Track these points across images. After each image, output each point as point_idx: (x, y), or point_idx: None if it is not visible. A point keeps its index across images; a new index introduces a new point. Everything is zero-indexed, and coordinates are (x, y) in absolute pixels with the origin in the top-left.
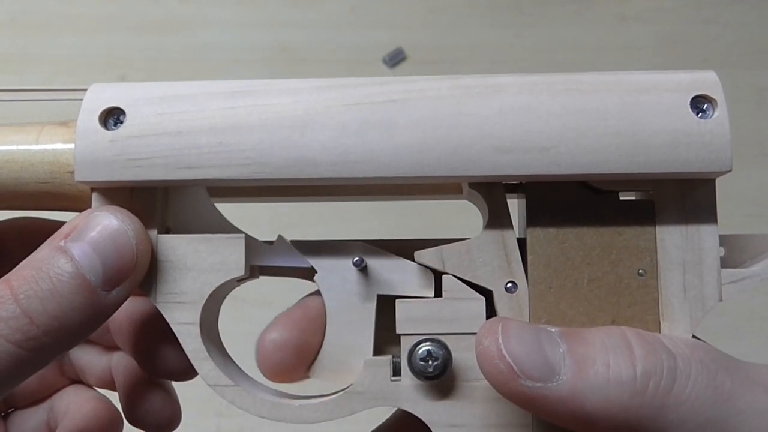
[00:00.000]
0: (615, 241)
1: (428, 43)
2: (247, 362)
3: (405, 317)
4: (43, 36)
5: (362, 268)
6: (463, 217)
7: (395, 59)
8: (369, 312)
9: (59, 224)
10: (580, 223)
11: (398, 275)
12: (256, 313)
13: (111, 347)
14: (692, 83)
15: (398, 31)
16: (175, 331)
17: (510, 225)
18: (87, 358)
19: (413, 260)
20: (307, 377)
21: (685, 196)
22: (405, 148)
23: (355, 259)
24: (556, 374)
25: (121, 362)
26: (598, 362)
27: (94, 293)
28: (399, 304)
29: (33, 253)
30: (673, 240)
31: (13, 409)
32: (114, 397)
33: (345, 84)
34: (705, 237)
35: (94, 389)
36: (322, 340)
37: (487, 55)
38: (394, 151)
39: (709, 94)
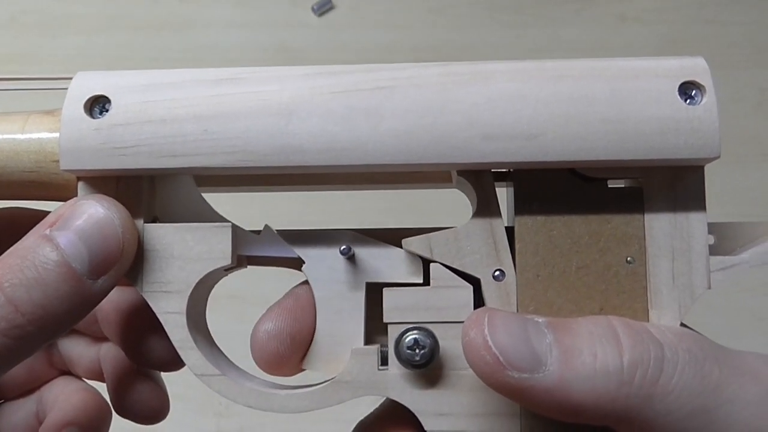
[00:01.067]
0: (603, 229)
1: (428, 43)
2: (247, 362)
3: (392, 306)
4: (43, 36)
5: (350, 257)
6: (450, 205)
7: (323, 8)
8: (358, 300)
9: (46, 214)
10: (569, 210)
11: (386, 262)
12: (256, 312)
13: (99, 338)
14: (681, 69)
15: (398, 31)
16: (161, 321)
17: (498, 213)
18: (76, 349)
19: (401, 248)
20: (302, 369)
21: (674, 184)
22: (391, 136)
23: (342, 247)
24: (542, 365)
25: (109, 353)
26: (584, 352)
27: (80, 282)
28: (386, 292)
29: (19, 242)
30: (661, 227)
31: (1, 400)
32: (103, 389)
33: (332, 71)
34: (694, 224)
35: (83, 380)
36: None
37: (487, 55)
38: (380, 138)
39: (697, 80)
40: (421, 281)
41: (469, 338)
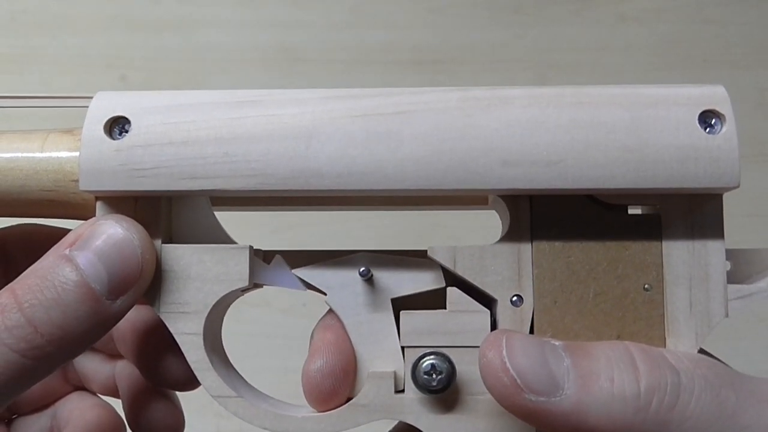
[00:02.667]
0: (621, 256)
1: (428, 43)
2: (247, 363)
3: (409, 329)
4: (43, 36)
5: (369, 278)
6: (462, 225)
7: None
8: (388, 318)
9: (64, 231)
10: (587, 236)
11: (407, 274)
12: (256, 313)
13: (115, 355)
14: (700, 98)
15: (398, 31)
16: (178, 342)
17: (528, 239)
18: (91, 365)
19: (417, 258)
20: (351, 397)
21: (693, 211)
22: (411, 161)
23: (361, 269)
24: (559, 388)
25: (124, 370)
26: (602, 377)
27: (99, 302)
28: (403, 316)
29: (38, 262)
30: (679, 255)
31: (16, 415)
32: (117, 405)
33: (352, 95)
34: (712, 252)
35: (98, 396)
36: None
37: (487, 55)
38: (399, 163)
39: (717, 109)
40: (444, 285)
41: (487, 359)
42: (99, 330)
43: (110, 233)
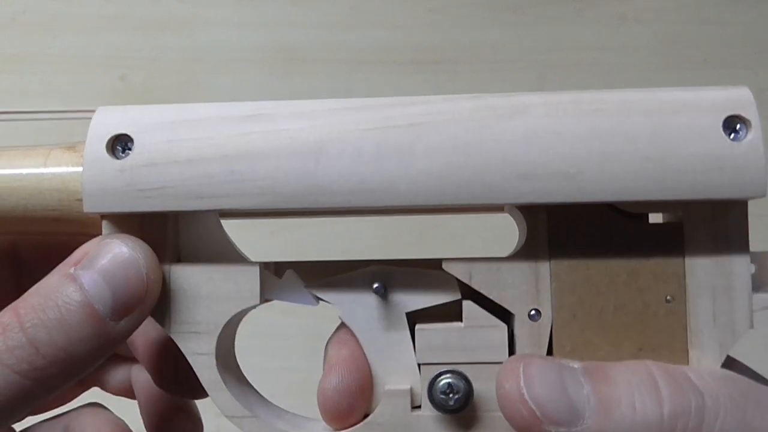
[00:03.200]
0: (642, 267)
1: (428, 43)
2: (247, 363)
3: (425, 346)
4: (43, 36)
5: (382, 294)
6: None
7: None
8: (403, 333)
9: (76, 240)
10: (606, 248)
11: (421, 287)
12: (256, 313)
13: (131, 358)
14: (725, 102)
15: (398, 31)
16: (190, 362)
17: (546, 251)
18: (106, 366)
19: (431, 269)
20: (368, 413)
21: (716, 219)
22: (424, 176)
23: (375, 286)
24: (580, 418)
25: (141, 374)
26: (623, 403)
27: (103, 323)
28: (418, 332)
29: (43, 280)
30: (702, 265)
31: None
32: (133, 405)
33: (361, 105)
34: (736, 262)
35: (112, 413)
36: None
37: (487, 55)
38: (413, 179)
39: (742, 114)
40: (460, 297)
41: (504, 390)
42: (102, 351)
43: (116, 252)
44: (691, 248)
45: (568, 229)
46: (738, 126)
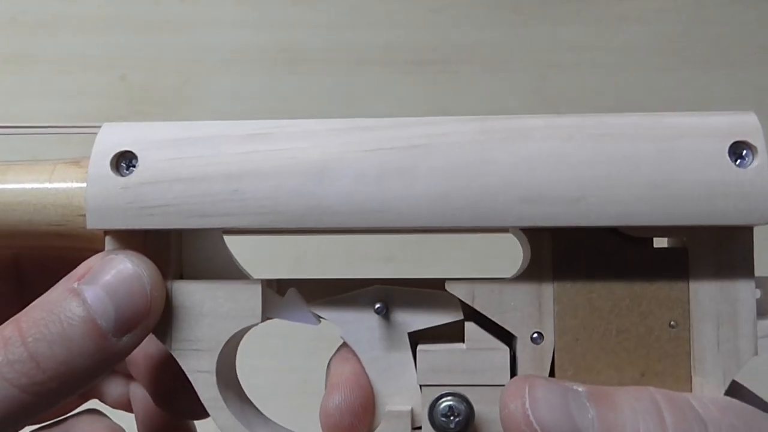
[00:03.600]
0: (645, 292)
1: (428, 43)
2: (247, 363)
3: (426, 368)
4: (43, 36)
5: (384, 314)
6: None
7: None
8: (405, 353)
9: (79, 254)
10: (609, 271)
11: (423, 307)
12: None
13: (130, 375)
14: (730, 128)
15: (398, 31)
16: (191, 379)
17: (549, 275)
18: (105, 379)
19: (433, 289)
20: (373, 429)
21: (722, 245)
22: (426, 198)
23: (377, 306)
24: None
25: (139, 391)
26: (628, 430)
27: (105, 339)
28: (420, 354)
29: (46, 294)
30: (706, 291)
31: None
32: (131, 418)
33: (364, 126)
34: (741, 288)
35: (110, 419)
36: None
37: (487, 55)
38: (414, 201)
39: (748, 140)
40: (462, 317)
41: (509, 411)
42: (103, 367)
43: (120, 269)
44: (696, 274)
45: (572, 253)
46: (744, 152)
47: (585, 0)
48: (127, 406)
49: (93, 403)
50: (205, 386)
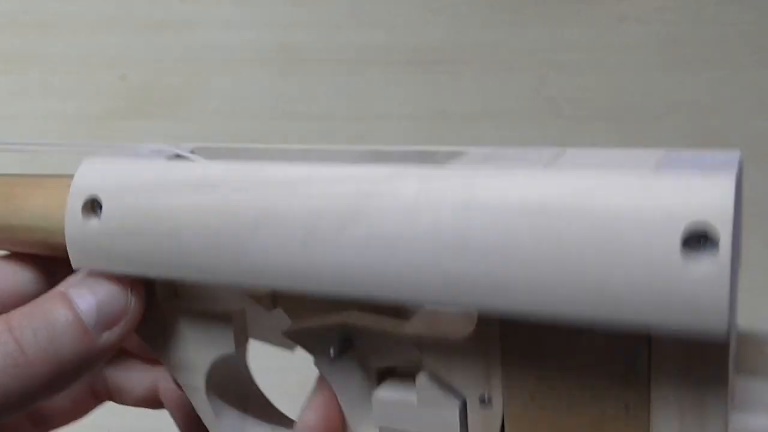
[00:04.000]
0: (599, 378)
1: (428, 43)
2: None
3: (382, 413)
4: (43, 36)
5: (343, 351)
6: None
7: None
8: (372, 385)
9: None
10: (559, 355)
11: (385, 348)
12: None
13: (153, 361)
14: (688, 207)
15: (398, 31)
16: (186, 394)
17: (497, 338)
18: (126, 374)
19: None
20: None
21: (690, 357)
22: (350, 268)
23: (330, 350)
24: None
25: (170, 387)
26: None
27: (87, 334)
28: (375, 401)
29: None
30: (669, 389)
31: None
32: (152, 414)
33: (305, 177)
34: (711, 402)
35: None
36: None
37: (487, 55)
38: (338, 269)
39: (707, 227)
40: (420, 364)
41: None
42: (86, 361)
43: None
44: (658, 375)
45: (518, 328)
46: (701, 242)
47: (585, 0)
48: (151, 402)
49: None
50: (198, 400)
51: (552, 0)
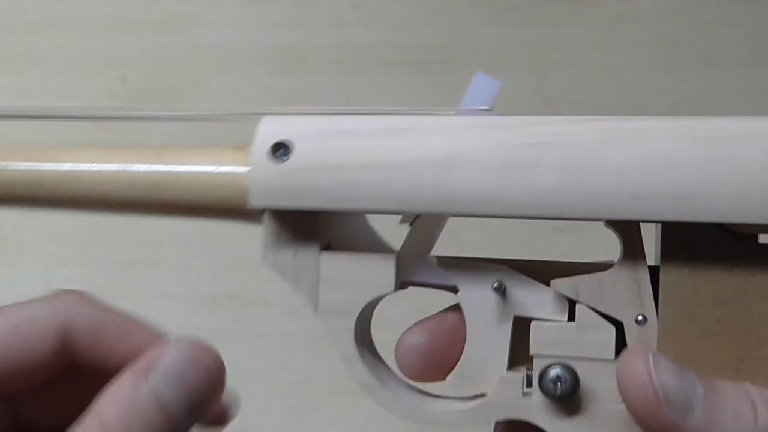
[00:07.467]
0: (748, 285)
1: (428, 43)
2: (247, 363)
3: (539, 340)
4: (43, 36)
5: (501, 292)
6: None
7: None
8: (506, 331)
9: (131, 323)
10: (714, 263)
11: (534, 299)
12: (256, 313)
13: None
14: None
15: (398, 31)
16: (332, 338)
17: (644, 261)
18: None
19: (548, 286)
20: (443, 380)
21: None
22: (543, 191)
23: (495, 284)
24: (694, 411)
25: None
26: (728, 411)
27: (178, 426)
28: (534, 327)
29: (116, 384)
30: None
31: None
32: None
33: (491, 124)
34: None
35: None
36: (458, 351)
37: (487, 55)
38: (532, 192)
39: None
40: (566, 320)
41: (634, 368)
42: None
43: (184, 354)
44: None
45: (678, 244)
46: None
47: (585, 0)
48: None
49: None
50: (344, 344)
51: (552, 0)
